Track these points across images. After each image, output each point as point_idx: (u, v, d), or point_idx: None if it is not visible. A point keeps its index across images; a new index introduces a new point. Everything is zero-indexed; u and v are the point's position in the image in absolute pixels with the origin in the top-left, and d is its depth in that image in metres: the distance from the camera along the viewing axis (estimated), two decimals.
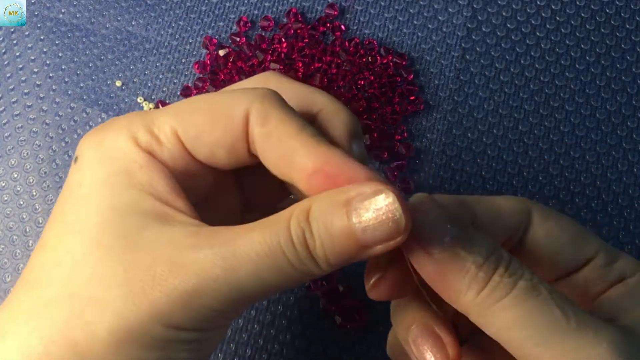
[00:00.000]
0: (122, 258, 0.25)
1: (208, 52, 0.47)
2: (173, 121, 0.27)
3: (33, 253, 0.27)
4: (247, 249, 0.24)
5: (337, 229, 0.24)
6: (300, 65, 0.46)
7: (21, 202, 0.45)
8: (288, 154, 0.26)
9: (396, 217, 0.24)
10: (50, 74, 0.47)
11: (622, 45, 0.47)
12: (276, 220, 0.25)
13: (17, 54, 0.48)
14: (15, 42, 0.48)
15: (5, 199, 0.45)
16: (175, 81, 0.47)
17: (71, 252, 0.25)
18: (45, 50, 0.48)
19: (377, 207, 0.24)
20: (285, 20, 0.48)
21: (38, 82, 0.47)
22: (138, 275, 0.24)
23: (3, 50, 0.48)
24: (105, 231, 0.25)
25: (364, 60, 0.46)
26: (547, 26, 0.47)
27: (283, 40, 0.47)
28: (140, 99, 0.47)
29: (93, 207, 0.26)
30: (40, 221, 0.44)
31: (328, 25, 0.48)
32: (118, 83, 0.47)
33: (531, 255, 0.28)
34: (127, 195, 0.26)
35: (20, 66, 0.47)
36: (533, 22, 0.47)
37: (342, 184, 0.26)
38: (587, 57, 0.47)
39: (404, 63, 0.46)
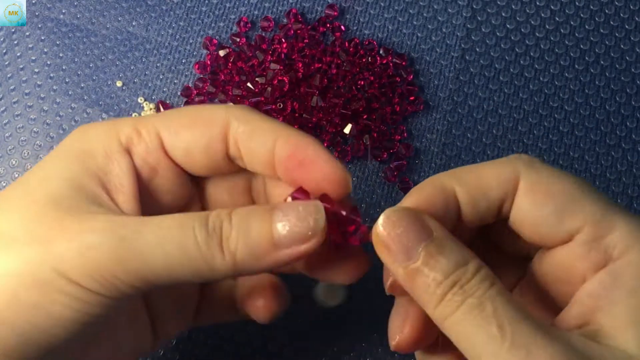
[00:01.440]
0: (43, 209, 0.26)
1: (208, 52, 0.47)
2: (158, 120, 0.30)
3: None
4: (159, 221, 0.26)
5: (255, 223, 0.26)
6: (300, 65, 0.46)
7: None
8: (269, 147, 0.29)
9: (316, 217, 0.26)
10: (51, 75, 0.47)
11: (621, 46, 0.47)
12: (197, 212, 0.27)
13: (18, 54, 0.48)
14: (16, 42, 0.48)
15: None
16: (175, 81, 0.47)
17: (8, 198, 0.28)
18: (46, 50, 0.48)
19: (300, 207, 0.27)
20: (285, 20, 0.48)
21: (39, 83, 0.47)
22: (49, 222, 0.26)
23: (4, 51, 0.48)
24: (42, 187, 0.27)
25: (364, 60, 0.46)
26: (547, 27, 0.48)
27: (283, 40, 0.47)
28: (140, 99, 0.47)
29: (45, 168, 0.28)
30: None
31: (328, 25, 0.48)
32: (119, 83, 0.47)
33: (516, 225, 0.27)
34: (77, 170, 0.28)
35: (21, 66, 0.47)
36: (532, 22, 0.48)
37: (313, 171, 0.28)
38: (586, 58, 0.47)
39: (403, 63, 0.47)
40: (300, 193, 0.28)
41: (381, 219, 0.26)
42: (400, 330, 0.29)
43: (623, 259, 0.25)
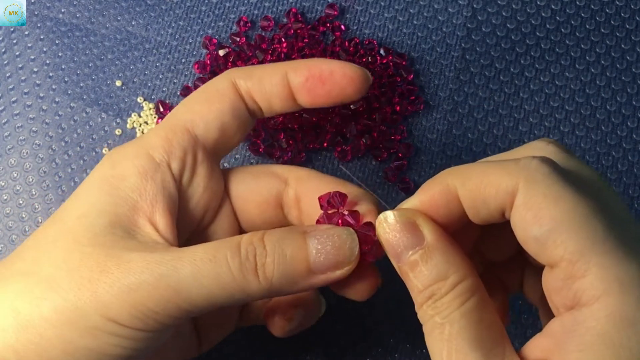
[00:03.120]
0: (82, 249, 0.28)
1: (208, 52, 0.47)
2: (179, 117, 0.32)
3: None
4: (192, 254, 0.27)
5: (291, 250, 0.27)
6: None
7: (21, 202, 0.45)
8: (281, 81, 0.32)
9: (351, 246, 0.28)
10: (50, 74, 0.47)
11: (622, 45, 0.47)
12: (229, 239, 0.28)
13: (17, 53, 0.48)
14: (15, 41, 0.48)
15: (5, 198, 0.45)
16: (175, 81, 0.47)
17: (47, 238, 0.29)
18: (45, 49, 0.48)
19: (335, 235, 0.28)
20: (285, 20, 0.48)
21: (38, 82, 0.47)
22: (90, 264, 0.27)
23: (3, 50, 0.48)
24: (80, 225, 0.28)
25: (364, 60, 0.46)
26: (547, 26, 0.47)
27: (283, 40, 0.47)
28: (140, 99, 0.47)
29: (79, 202, 0.29)
30: (40, 220, 0.44)
31: (328, 25, 0.48)
32: (118, 83, 0.47)
33: (514, 231, 0.26)
34: (110, 201, 0.29)
35: (20, 65, 0.47)
36: (533, 22, 0.47)
37: (334, 81, 0.31)
38: (587, 57, 0.47)
39: (403, 63, 0.46)
40: (337, 198, 0.29)
41: (377, 221, 0.28)
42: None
43: (588, 308, 0.23)
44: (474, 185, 0.26)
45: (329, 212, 0.29)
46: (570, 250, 0.24)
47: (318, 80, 0.31)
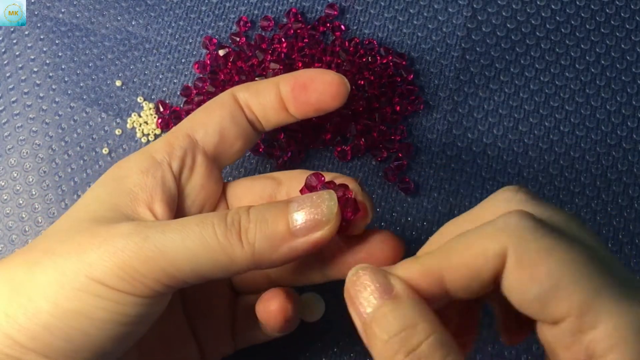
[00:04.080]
0: (81, 224, 0.29)
1: (208, 52, 0.47)
2: (182, 126, 0.34)
3: None
4: (182, 220, 0.28)
5: (272, 214, 0.28)
6: (300, 65, 0.46)
7: (20, 202, 0.45)
8: (275, 92, 0.34)
9: (329, 204, 0.28)
10: (50, 74, 0.47)
11: (622, 45, 0.47)
12: (216, 212, 0.30)
13: (17, 53, 0.48)
14: (15, 41, 0.48)
15: (5, 198, 0.45)
16: (175, 81, 0.47)
17: (57, 225, 0.31)
18: (45, 49, 0.48)
19: (314, 196, 0.28)
20: (285, 20, 0.48)
21: (38, 82, 0.47)
22: (83, 233, 0.29)
23: (3, 50, 0.48)
24: (83, 212, 0.30)
25: (364, 60, 0.46)
26: (547, 26, 0.47)
27: (283, 40, 0.47)
28: (140, 99, 0.47)
29: (84, 199, 0.31)
30: (40, 220, 0.44)
31: (328, 25, 0.48)
32: (118, 83, 0.47)
33: (508, 297, 0.25)
34: (112, 192, 0.31)
35: (20, 65, 0.47)
36: (533, 22, 0.47)
37: (315, 87, 0.33)
38: (587, 57, 0.47)
39: (403, 63, 0.46)
40: (315, 178, 0.30)
41: (350, 272, 0.26)
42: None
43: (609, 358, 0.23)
44: (461, 262, 0.25)
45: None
46: (576, 305, 0.23)
47: (301, 88, 0.33)
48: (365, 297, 0.25)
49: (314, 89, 0.33)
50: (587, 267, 0.23)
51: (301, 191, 0.31)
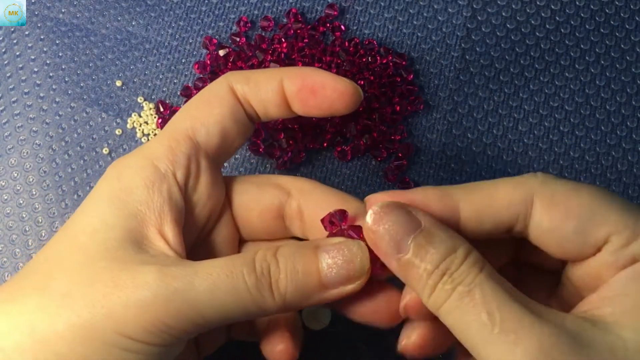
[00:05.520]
0: (96, 264, 0.28)
1: (208, 52, 0.47)
2: (180, 127, 0.32)
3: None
4: (208, 269, 0.27)
5: (303, 265, 0.28)
6: (300, 65, 0.46)
7: (21, 201, 0.45)
8: (277, 88, 0.32)
9: (361, 259, 0.27)
10: (50, 74, 0.47)
11: (622, 46, 0.47)
12: (242, 254, 0.28)
13: (17, 53, 0.48)
14: (15, 41, 0.48)
15: (5, 198, 0.45)
16: (175, 81, 0.47)
17: (59, 253, 0.29)
18: (45, 49, 0.48)
19: (346, 249, 0.28)
20: (285, 20, 0.48)
21: (38, 82, 0.47)
22: (104, 279, 0.27)
23: (3, 50, 0.48)
24: (92, 240, 0.28)
25: (364, 60, 0.46)
26: (547, 26, 0.47)
27: (283, 40, 0.47)
28: (140, 99, 0.47)
29: (89, 217, 0.29)
30: (40, 220, 0.44)
31: (328, 25, 0.48)
32: (118, 83, 0.47)
33: (539, 243, 0.27)
34: (120, 214, 0.29)
35: (20, 66, 0.47)
36: (533, 22, 0.48)
37: (326, 94, 0.31)
38: (587, 57, 0.47)
39: (403, 63, 0.46)
40: (337, 216, 0.29)
41: (369, 215, 0.27)
42: (408, 335, 0.29)
43: None
44: (481, 198, 0.26)
45: (333, 231, 0.30)
46: (615, 224, 0.25)
47: (310, 92, 0.31)
48: (396, 237, 0.26)
49: (325, 96, 0.31)
50: (614, 196, 0.26)
51: (322, 221, 0.30)
